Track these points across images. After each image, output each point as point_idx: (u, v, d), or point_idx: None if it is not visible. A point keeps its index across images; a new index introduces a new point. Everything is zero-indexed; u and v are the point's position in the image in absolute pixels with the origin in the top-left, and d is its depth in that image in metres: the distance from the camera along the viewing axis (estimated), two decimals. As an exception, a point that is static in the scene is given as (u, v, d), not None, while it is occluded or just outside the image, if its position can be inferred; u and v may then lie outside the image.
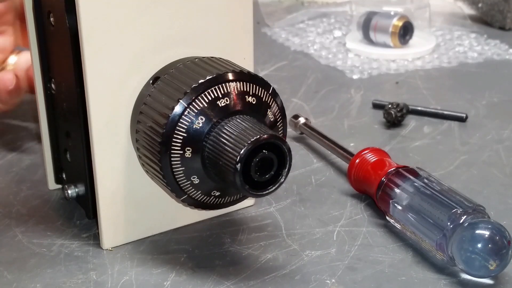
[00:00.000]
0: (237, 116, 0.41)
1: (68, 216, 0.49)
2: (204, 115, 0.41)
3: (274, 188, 0.41)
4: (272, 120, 0.43)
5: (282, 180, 0.41)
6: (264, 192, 0.41)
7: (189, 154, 0.41)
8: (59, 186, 0.52)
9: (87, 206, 0.47)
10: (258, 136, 0.39)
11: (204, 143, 0.41)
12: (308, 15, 0.96)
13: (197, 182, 0.42)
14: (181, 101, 0.41)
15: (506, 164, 0.57)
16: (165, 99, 0.42)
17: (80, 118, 0.44)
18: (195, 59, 0.44)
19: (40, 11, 0.47)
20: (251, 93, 0.42)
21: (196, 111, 0.41)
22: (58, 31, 0.45)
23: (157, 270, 0.44)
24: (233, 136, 0.40)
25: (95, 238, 0.47)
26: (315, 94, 0.71)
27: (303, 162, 0.57)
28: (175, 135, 0.41)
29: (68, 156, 0.48)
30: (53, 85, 0.48)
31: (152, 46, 0.44)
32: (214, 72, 0.42)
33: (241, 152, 0.39)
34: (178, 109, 0.41)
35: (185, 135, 0.41)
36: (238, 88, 0.42)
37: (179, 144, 0.41)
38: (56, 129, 0.50)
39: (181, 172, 0.41)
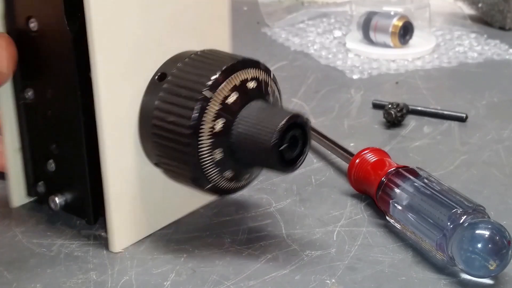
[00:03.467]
0: (258, 100, 0.43)
1: (68, 216, 0.49)
2: (228, 103, 0.42)
3: (300, 163, 0.43)
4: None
5: (305, 156, 0.43)
6: (295, 167, 0.43)
7: (220, 131, 0.42)
8: (27, 201, 0.50)
9: (87, 212, 0.47)
10: (291, 114, 0.41)
11: (232, 126, 0.42)
12: (308, 15, 0.96)
13: (221, 160, 0.43)
14: (203, 92, 0.41)
15: (506, 164, 0.57)
16: (186, 92, 0.42)
17: (80, 122, 0.44)
18: (197, 52, 0.45)
19: (13, 17, 0.45)
20: (258, 79, 0.44)
21: (221, 99, 0.42)
22: (44, 36, 0.44)
23: (157, 270, 0.44)
24: (264, 115, 0.42)
25: (95, 238, 0.47)
26: (315, 94, 0.71)
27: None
28: (201, 125, 0.42)
29: (52, 165, 0.47)
30: (29, 94, 0.47)
31: (156, 43, 0.44)
32: (228, 62, 0.43)
33: (281, 123, 0.41)
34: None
35: (213, 119, 0.42)
36: (251, 76, 0.43)
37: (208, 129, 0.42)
38: (32, 140, 0.48)
39: (208, 158, 0.42)
